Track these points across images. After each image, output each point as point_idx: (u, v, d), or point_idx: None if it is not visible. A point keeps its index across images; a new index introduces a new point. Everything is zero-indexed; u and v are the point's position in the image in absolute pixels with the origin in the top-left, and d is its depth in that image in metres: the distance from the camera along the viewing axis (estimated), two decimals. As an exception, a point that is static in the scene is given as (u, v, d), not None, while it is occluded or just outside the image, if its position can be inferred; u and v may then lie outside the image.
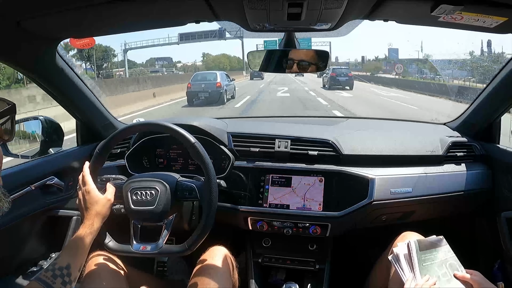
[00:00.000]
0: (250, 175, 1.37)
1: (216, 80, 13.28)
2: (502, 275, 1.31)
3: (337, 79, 18.54)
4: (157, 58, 48.67)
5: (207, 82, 13.18)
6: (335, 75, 18.75)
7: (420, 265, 1.00)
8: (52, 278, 0.86)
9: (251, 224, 1.35)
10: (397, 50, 27.88)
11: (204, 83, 13.06)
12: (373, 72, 37.73)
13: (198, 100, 12.85)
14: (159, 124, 1.19)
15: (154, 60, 48.50)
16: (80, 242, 0.96)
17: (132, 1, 0.87)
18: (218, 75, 13.79)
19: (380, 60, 47.69)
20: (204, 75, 14.72)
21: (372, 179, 1.29)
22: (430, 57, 24.10)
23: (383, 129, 1.74)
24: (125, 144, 1.49)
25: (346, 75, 19.14)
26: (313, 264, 1.40)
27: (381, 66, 42.40)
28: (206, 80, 13.43)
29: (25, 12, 0.86)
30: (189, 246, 1.08)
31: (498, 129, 1.46)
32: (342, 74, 19.05)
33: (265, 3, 0.85)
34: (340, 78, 18.58)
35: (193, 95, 13.00)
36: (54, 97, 1.32)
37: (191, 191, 1.13)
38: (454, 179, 1.37)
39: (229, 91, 13.89)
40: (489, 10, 0.87)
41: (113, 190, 1.10)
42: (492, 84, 1.35)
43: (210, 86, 12.90)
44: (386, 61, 41.98)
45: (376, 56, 52.14)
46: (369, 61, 49.47)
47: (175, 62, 59.37)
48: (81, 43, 2.94)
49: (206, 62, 65.78)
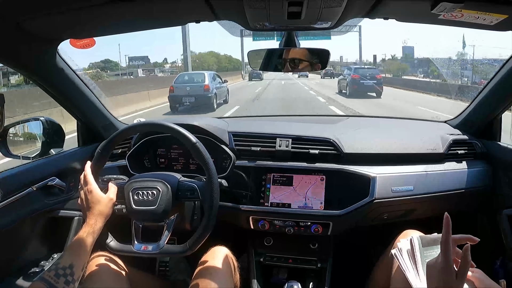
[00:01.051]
0: (252, 174, 1.37)
1: (204, 82, 11.23)
2: (503, 272, 1.31)
3: (362, 83, 14.28)
4: (131, 58, 42.15)
5: (192, 84, 11.20)
6: (358, 77, 14.48)
7: (422, 261, 1.00)
8: (55, 277, 0.86)
9: (253, 223, 1.36)
10: (412, 48, 24.72)
11: (190, 86, 11.09)
12: (395, 73, 34.96)
13: (183, 106, 11.12)
14: (160, 124, 1.19)
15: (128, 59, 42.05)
16: (83, 241, 0.96)
17: (132, 1, 0.87)
18: (206, 76, 11.70)
19: (396, 59, 43.43)
20: (189, 76, 12.63)
21: (373, 178, 1.29)
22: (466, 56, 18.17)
23: (384, 127, 1.74)
24: (126, 144, 1.49)
25: (374, 77, 14.59)
26: (315, 263, 1.40)
27: (407, 66, 38.58)
28: (192, 82, 11.44)
29: (25, 12, 0.86)
30: (190, 246, 1.08)
31: (498, 127, 1.46)
32: (367, 76, 14.61)
33: (265, 3, 0.84)
34: (365, 82, 14.29)
35: (177, 100, 11.04)
36: (55, 97, 1.32)
37: (192, 191, 1.13)
38: (455, 177, 1.37)
39: (220, 94, 12.03)
40: (489, 8, 0.87)
41: (115, 189, 1.10)
42: (492, 82, 1.35)
43: (196, 89, 10.94)
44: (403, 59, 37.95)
45: (392, 55, 47.95)
46: (384, 60, 45.50)
47: (163, 62, 52.12)
48: (81, 43, 2.94)
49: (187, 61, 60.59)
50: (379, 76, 15.24)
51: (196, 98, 10.82)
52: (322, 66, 1.17)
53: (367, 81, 14.30)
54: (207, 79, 11.40)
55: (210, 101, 11.02)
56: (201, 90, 10.97)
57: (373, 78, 14.46)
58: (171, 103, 11.24)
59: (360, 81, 14.38)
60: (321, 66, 1.17)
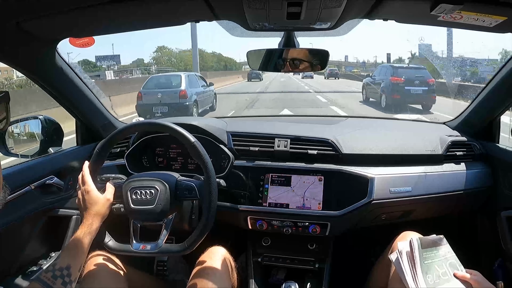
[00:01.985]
0: (250, 174, 1.37)
1: (179, 86, 8.88)
2: (502, 274, 1.31)
3: (408, 91, 9.57)
4: (99, 57, 33.86)
5: (165, 90, 8.88)
6: (401, 81, 9.71)
7: (421, 262, 1.00)
8: (53, 279, 0.87)
9: (251, 223, 1.36)
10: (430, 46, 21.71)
11: (162, 92, 8.76)
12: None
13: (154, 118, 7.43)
14: (159, 124, 1.19)
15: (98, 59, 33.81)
16: (80, 242, 0.96)
17: (132, 1, 0.87)
18: (182, 78, 9.13)
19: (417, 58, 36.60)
20: (162, 80, 9.96)
21: (371, 178, 1.29)
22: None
23: (383, 128, 1.74)
24: (124, 143, 1.49)
25: (424, 82, 9.63)
26: (313, 263, 1.40)
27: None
28: (165, 86, 9.11)
29: (24, 13, 0.86)
30: (188, 245, 1.08)
31: (497, 128, 1.46)
32: (415, 81, 9.65)
33: (265, 3, 0.85)
34: (412, 89, 9.54)
35: (146, 110, 8.68)
36: (54, 97, 1.32)
37: (190, 190, 1.13)
38: (453, 178, 1.37)
39: (203, 101, 9.62)
40: (488, 9, 0.87)
41: (112, 189, 1.10)
42: (492, 83, 1.36)
43: (170, 96, 8.68)
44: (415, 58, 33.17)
45: (413, 53, 39.72)
46: (401, 59, 40.71)
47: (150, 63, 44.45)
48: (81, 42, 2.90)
49: (158, 61, 47.55)
50: (431, 81, 9.80)
51: (170, 108, 8.58)
52: (321, 67, 1.17)
53: (415, 88, 9.55)
54: (184, 83, 8.95)
55: (188, 111, 8.64)
56: (176, 97, 8.66)
57: (423, 84, 9.60)
58: (139, 114, 8.86)
59: (405, 88, 9.64)
60: (321, 67, 1.17)
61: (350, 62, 53.73)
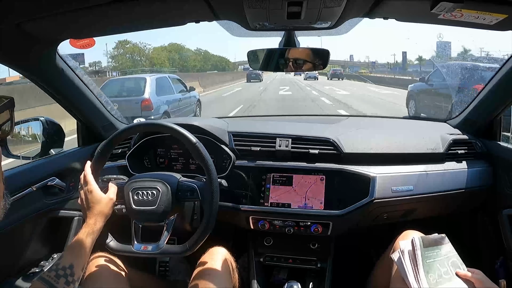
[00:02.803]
0: (251, 174, 1.37)
1: (141, 94, 6.74)
2: (504, 272, 1.31)
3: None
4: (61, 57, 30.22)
5: (123, 99, 6.64)
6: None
7: (423, 262, 1.00)
8: (56, 278, 0.86)
9: (253, 223, 1.36)
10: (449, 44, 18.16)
11: (118, 101, 5.95)
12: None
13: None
14: (160, 124, 1.19)
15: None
16: (83, 242, 0.96)
17: (132, 1, 0.87)
18: (147, 83, 6.93)
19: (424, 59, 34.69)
20: (122, 84, 7.76)
21: (373, 178, 1.29)
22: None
23: (384, 127, 1.74)
24: (126, 144, 1.50)
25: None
26: (315, 263, 1.40)
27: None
28: (124, 95, 7.00)
29: (25, 14, 0.86)
30: (190, 246, 1.08)
31: (499, 127, 1.46)
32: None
33: (265, 3, 0.85)
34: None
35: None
36: (55, 97, 1.32)
37: (192, 191, 1.13)
38: (455, 177, 1.36)
39: (178, 112, 7.52)
40: (489, 7, 0.87)
41: (115, 189, 1.10)
42: (492, 81, 1.35)
43: (128, 108, 6.19)
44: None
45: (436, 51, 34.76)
46: (422, 58, 37.70)
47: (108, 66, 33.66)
48: (81, 43, 2.73)
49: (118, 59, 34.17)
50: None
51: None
52: (323, 66, 1.17)
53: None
54: (148, 90, 6.80)
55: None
56: (136, 109, 6.42)
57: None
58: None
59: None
60: (322, 66, 1.17)
61: (355, 62, 51.84)
